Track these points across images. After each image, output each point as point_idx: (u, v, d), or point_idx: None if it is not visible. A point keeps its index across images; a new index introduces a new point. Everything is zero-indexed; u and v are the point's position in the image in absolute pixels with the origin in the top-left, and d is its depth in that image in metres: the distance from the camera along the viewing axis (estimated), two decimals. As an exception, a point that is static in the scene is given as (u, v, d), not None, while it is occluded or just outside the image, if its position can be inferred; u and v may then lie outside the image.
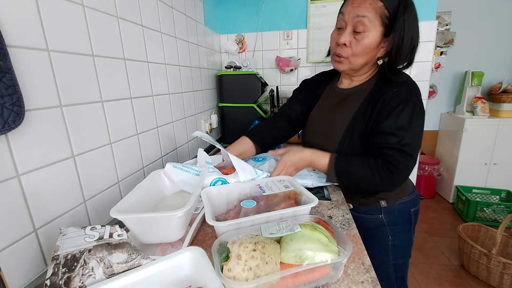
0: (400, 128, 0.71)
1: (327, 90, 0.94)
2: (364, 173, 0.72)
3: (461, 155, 2.60)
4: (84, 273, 0.43)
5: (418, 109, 0.73)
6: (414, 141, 0.72)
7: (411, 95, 0.73)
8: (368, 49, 0.74)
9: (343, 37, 0.74)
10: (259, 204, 0.66)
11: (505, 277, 1.61)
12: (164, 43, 1.02)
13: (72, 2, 0.60)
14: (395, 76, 0.76)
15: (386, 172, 0.71)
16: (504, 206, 2.34)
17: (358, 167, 0.73)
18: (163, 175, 0.77)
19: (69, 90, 0.59)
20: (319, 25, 1.66)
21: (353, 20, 0.72)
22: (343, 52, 0.76)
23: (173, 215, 0.54)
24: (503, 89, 2.54)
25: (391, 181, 0.72)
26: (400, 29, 0.70)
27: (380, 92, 0.76)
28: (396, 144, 0.71)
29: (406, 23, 0.70)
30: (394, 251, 0.89)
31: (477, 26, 2.79)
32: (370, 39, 0.72)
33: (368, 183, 0.74)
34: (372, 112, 0.75)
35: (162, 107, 1.01)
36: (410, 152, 0.71)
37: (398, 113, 0.71)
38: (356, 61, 0.76)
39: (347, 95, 0.85)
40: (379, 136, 0.74)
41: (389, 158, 0.71)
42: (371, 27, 0.71)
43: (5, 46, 0.44)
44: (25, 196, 0.50)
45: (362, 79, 0.84)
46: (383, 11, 0.70)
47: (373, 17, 0.70)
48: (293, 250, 0.48)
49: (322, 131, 0.88)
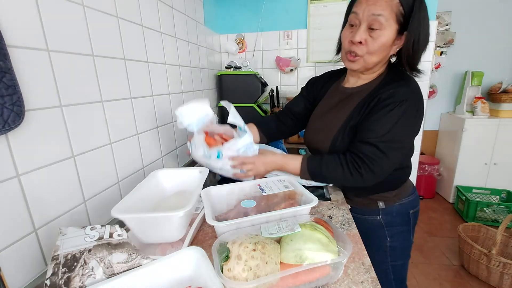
0: (382, 125, 0.70)
1: (332, 89, 0.94)
2: (335, 170, 0.73)
3: (461, 155, 2.60)
4: (84, 273, 0.43)
5: (411, 111, 0.71)
6: (394, 141, 0.70)
7: (407, 97, 0.71)
8: (383, 47, 0.72)
9: (359, 35, 0.72)
10: (259, 204, 0.66)
11: (505, 277, 1.61)
12: (164, 43, 1.02)
13: (72, 2, 0.60)
14: (418, 74, 0.78)
15: (354, 167, 0.71)
16: (504, 206, 2.34)
17: (328, 165, 0.75)
18: (163, 175, 0.77)
19: (69, 90, 0.59)
20: (319, 25, 1.66)
21: (368, 18, 0.70)
22: (359, 50, 0.74)
23: (174, 215, 0.54)
24: (503, 89, 2.53)
25: (361, 177, 0.71)
26: (417, 25, 0.70)
27: (378, 91, 0.75)
28: (370, 139, 0.70)
29: (422, 19, 0.70)
30: (392, 253, 0.88)
31: (477, 26, 2.79)
32: (386, 37, 0.71)
33: (341, 179, 0.74)
34: (366, 110, 0.75)
35: (162, 107, 1.01)
36: (385, 150, 0.69)
37: (386, 112, 0.70)
38: (371, 59, 0.75)
39: (349, 94, 0.84)
40: (360, 132, 0.74)
41: (358, 152, 0.71)
42: (387, 25, 0.70)
43: (5, 46, 0.44)
44: (25, 196, 0.50)
45: (368, 78, 0.82)
46: (399, 8, 0.69)
47: (389, 15, 0.69)
48: (293, 250, 0.48)
49: (320, 129, 0.88)
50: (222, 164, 0.78)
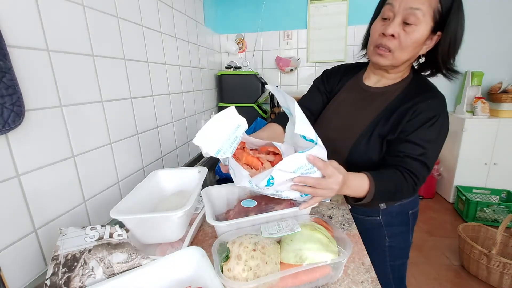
0: (427, 141, 0.71)
1: (350, 83, 0.89)
2: (396, 189, 0.70)
3: (461, 155, 2.59)
4: (84, 273, 0.43)
5: (446, 124, 0.73)
6: (435, 155, 0.73)
7: (443, 109, 0.72)
8: (416, 43, 0.70)
9: (392, 27, 0.69)
10: (259, 203, 0.66)
11: (505, 277, 1.61)
12: (164, 43, 1.02)
13: (72, 2, 0.60)
14: (454, 74, 0.76)
15: (411, 184, 0.71)
16: (504, 206, 2.34)
17: (392, 184, 0.70)
18: (163, 175, 0.77)
19: (69, 90, 0.59)
20: (319, 25, 1.66)
21: (405, 11, 0.68)
22: (390, 44, 0.71)
23: (173, 215, 0.54)
24: (503, 89, 2.53)
25: (413, 192, 0.72)
26: (455, 25, 0.68)
27: (411, 100, 0.73)
28: (420, 156, 0.71)
29: (460, 19, 0.68)
30: (391, 252, 0.88)
31: (477, 26, 2.79)
32: (420, 33, 0.68)
33: (398, 197, 0.74)
34: (401, 120, 0.73)
35: (162, 107, 1.01)
36: (430, 165, 0.72)
37: (429, 126, 0.71)
38: (401, 55, 0.72)
39: (373, 94, 0.81)
40: (404, 145, 0.72)
41: (413, 170, 0.71)
42: (423, 21, 0.67)
43: (5, 46, 0.44)
44: (25, 196, 0.50)
45: (393, 78, 0.80)
46: (437, 5, 0.67)
47: (427, 10, 0.67)
48: (293, 250, 0.48)
49: (339, 126, 0.83)
50: (275, 190, 0.55)
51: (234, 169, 0.56)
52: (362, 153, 0.77)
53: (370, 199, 0.67)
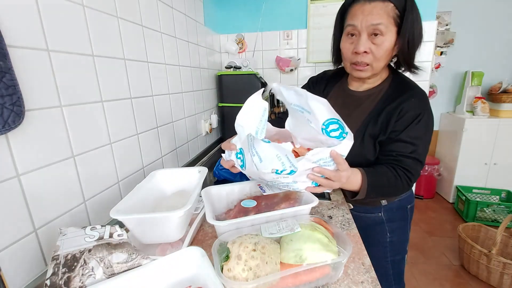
0: (416, 138, 0.74)
1: (335, 89, 0.93)
2: (389, 185, 0.74)
3: (461, 155, 2.60)
4: (84, 273, 0.44)
5: (431, 119, 0.76)
6: (426, 149, 0.76)
7: (425, 106, 0.75)
8: (388, 51, 0.74)
9: (362, 45, 0.72)
10: (259, 203, 0.66)
11: (505, 277, 1.61)
12: (164, 43, 1.02)
13: (72, 2, 0.60)
14: (416, 70, 0.79)
15: (406, 180, 0.74)
16: (504, 206, 2.34)
17: (388, 177, 0.74)
18: (163, 175, 0.77)
19: (69, 90, 0.59)
20: (319, 25, 1.66)
21: (368, 28, 0.71)
22: (366, 59, 0.74)
23: (173, 215, 0.54)
24: (503, 89, 2.53)
25: (408, 187, 0.76)
26: (410, 24, 0.70)
27: (395, 100, 0.76)
28: (412, 153, 0.74)
29: (415, 17, 0.71)
30: (392, 247, 0.91)
31: (477, 26, 2.79)
32: (388, 41, 0.72)
33: (392, 192, 0.79)
34: (389, 120, 0.76)
35: (162, 107, 1.01)
36: (422, 160, 0.75)
37: (415, 124, 0.73)
38: (379, 65, 0.76)
39: (359, 98, 0.85)
40: (395, 144, 0.75)
41: (407, 167, 0.74)
42: (388, 31, 0.71)
43: (5, 46, 0.44)
44: (25, 196, 0.50)
45: (374, 81, 0.83)
46: (394, 11, 0.70)
47: (387, 20, 0.70)
48: (293, 250, 0.48)
49: None
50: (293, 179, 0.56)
51: (262, 154, 0.53)
52: (358, 154, 0.79)
53: (364, 193, 0.71)
